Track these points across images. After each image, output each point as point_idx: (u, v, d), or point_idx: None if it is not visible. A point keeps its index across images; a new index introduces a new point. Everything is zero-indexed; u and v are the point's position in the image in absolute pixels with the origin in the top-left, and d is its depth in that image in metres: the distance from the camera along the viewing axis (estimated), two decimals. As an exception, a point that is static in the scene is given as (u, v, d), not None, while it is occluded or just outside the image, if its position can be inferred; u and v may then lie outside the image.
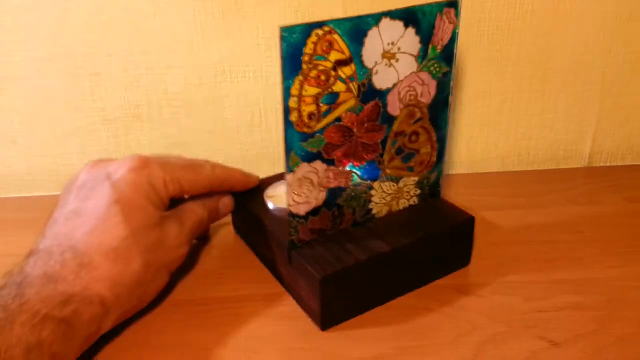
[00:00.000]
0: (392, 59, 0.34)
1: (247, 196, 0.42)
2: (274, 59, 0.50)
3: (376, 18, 0.32)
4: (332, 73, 0.32)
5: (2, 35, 0.48)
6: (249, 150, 0.54)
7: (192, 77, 0.50)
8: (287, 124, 0.32)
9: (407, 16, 0.33)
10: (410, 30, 0.34)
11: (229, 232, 0.45)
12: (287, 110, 0.31)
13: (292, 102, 0.31)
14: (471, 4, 0.48)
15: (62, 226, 0.32)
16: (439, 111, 0.38)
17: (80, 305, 0.29)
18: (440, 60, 0.36)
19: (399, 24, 0.33)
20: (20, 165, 0.54)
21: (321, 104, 0.32)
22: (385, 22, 0.33)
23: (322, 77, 0.32)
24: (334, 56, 0.32)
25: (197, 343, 0.34)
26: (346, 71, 0.32)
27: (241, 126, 0.53)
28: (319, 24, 0.31)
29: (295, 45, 0.30)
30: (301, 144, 0.33)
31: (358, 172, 0.36)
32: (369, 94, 0.34)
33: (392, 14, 0.33)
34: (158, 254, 0.34)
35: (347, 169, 0.35)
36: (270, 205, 0.40)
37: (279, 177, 0.44)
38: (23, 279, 0.29)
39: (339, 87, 0.33)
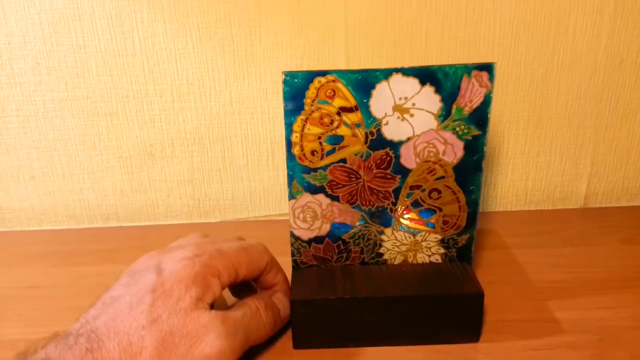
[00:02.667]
0: (406, 113, 0.35)
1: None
2: (280, 102, 0.52)
3: (385, 73, 0.34)
4: (337, 117, 0.34)
5: (24, 77, 0.51)
6: (257, 188, 0.56)
7: (204, 118, 0.53)
8: (290, 155, 0.35)
9: (424, 75, 0.34)
10: (429, 89, 0.34)
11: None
12: (289, 144, 0.34)
13: (295, 137, 0.34)
14: (467, 51, 0.51)
15: (96, 310, 0.31)
16: (469, 174, 0.37)
17: None
18: (469, 122, 0.35)
19: (413, 81, 0.34)
20: (37, 199, 0.56)
21: (324, 143, 0.35)
22: (397, 77, 0.34)
23: (326, 120, 0.34)
24: (338, 102, 0.34)
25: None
26: (351, 118, 0.35)
27: (249, 164, 0.55)
28: (323, 73, 0.33)
29: (297, 89, 0.33)
30: (304, 175, 0.35)
31: (367, 215, 0.38)
32: (379, 142, 0.35)
33: (405, 71, 0.34)
34: (179, 347, 0.30)
35: (354, 209, 0.37)
36: None
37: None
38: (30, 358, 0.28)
39: (343, 131, 0.35)
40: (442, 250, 0.39)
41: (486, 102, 0.35)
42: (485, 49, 0.51)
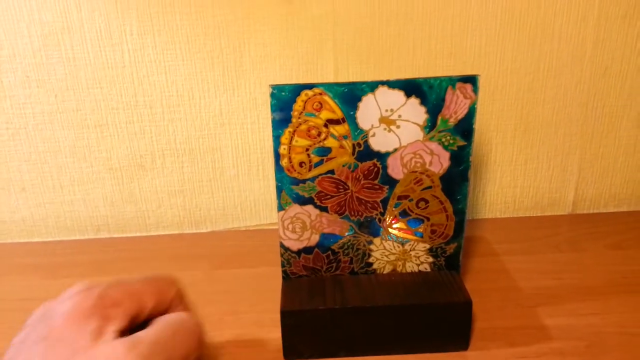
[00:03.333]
0: (392, 125, 0.35)
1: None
2: (269, 113, 0.53)
3: (371, 86, 0.34)
4: (324, 129, 0.35)
5: (13, 90, 0.51)
6: (247, 197, 0.56)
7: (194, 129, 0.53)
8: (278, 167, 0.35)
9: (409, 87, 0.34)
10: (414, 101, 0.35)
11: (233, 275, 0.47)
12: (277, 156, 0.35)
13: (282, 150, 0.35)
14: (454, 61, 0.52)
15: None
16: (455, 184, 0.37)
17: None
18: (455, 133, 0.36)
19: (398, 93, 0.35)
20: (28, 211, 0.56)
21: (312, 155, 0.35)
22: (382, 90, 0.34)
23: (313, 132, 0.35)
24: (325, 115, 0.35)
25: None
26: (339, 130, 0.35)
27: (239, 174, 0.55)
28: (309, 86, 0.34)
29: (284, 102, 0.34)
30: (292, 187, 0.36)
31: (355, 225, 0.38)
32: (366, 154, 0.36)
33: (391, 84, 0.34)
34: None
35: (342, 219, 0.38)
36: None
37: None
38: None
39: (330, 142, 0.35)
40: (430, 259, 0.40)
41: (471, 113, 0.36)
42: (472, 58, 0.52)
